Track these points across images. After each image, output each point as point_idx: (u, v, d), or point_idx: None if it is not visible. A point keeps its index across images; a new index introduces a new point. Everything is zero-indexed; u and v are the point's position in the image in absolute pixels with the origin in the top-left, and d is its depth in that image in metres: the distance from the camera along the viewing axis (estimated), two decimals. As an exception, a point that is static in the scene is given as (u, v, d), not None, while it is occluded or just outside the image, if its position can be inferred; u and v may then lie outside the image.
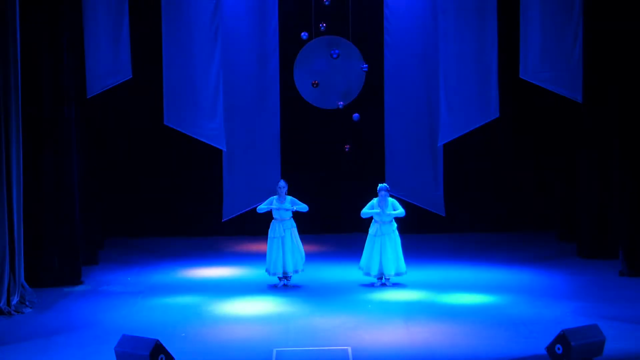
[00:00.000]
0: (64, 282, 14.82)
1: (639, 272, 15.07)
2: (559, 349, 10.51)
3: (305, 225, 15.51)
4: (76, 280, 14.99)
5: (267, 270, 14.78)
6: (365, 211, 14.58)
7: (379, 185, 14.74)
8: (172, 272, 15.91)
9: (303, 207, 14.69)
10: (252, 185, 18.20)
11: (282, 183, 14.75)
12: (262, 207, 14.79)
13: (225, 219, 18.50)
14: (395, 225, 14.62)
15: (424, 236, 18.07)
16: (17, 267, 13.57)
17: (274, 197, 14.76)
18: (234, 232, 18.59)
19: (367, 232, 14.77)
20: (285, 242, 14.61)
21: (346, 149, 17.76)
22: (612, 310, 12.89)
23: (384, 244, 14.48)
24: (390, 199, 14.67)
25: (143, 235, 18.71)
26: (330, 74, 18.43)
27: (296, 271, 14.75)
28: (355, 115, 17.48)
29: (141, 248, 17.87)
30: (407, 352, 11.17)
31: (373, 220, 14.67)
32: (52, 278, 14.78)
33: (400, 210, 14.52)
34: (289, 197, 14.69)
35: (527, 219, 19.08)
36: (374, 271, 14.56)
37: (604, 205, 16.33)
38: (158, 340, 10.41)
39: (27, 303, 13.54)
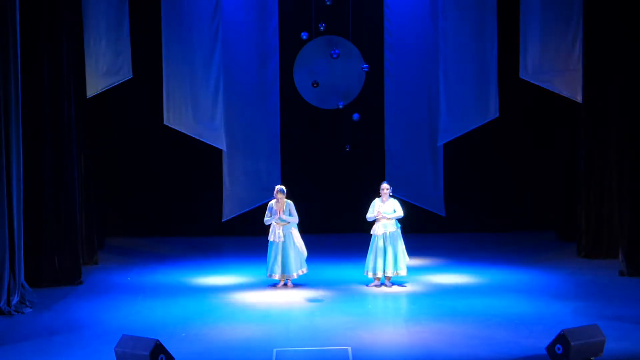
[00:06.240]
0: (64, 282, 14.82)
1: (639, 272, 15.07)
2: (559, 349, 10.50)
3: (306, 225, 15.49)
4: (76, 280, 14.99)
5: (267, 274, 14.71)
6: (368, 215, 14.58)
7: (382, 183, 14.77)
8: (172, 272, 15.91)
9: (294, 219, 14.53)
10: (252, 185, 18.20)
11: (279, 188, 14.59)
12: (266, 220, 14.64)
13: (225, 219, 18.50)
14: (399, 226, 14.60)
15: (424, 236, 18.05)
16: (17, 267, 13.55)
17: (273, 201, 14.59)
18: (234, 232, 18.59)
19: (367, 231, 14.76)
20: (286, 245, 14.55)
21: (346, 149, 17.75)
22: (612, 310, 12.88)
23: (385, 243, 14.46)
24: (392, 200, 14.65)
25: (143, 235, 18.72)
26: (330, 74, 18.43)
27: (297, 273, 14.70)
28: (355, 115, 17.48)
29: (141, 248, 17.87)
30: (407, 352, 11.16)
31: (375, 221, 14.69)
32: (52, 278, 14.78)
33: (398, 212, 14.51)
34: (287, 202, 14.55)
35: (527, 219, 19.09)
36: (376, 270, 14.52)
37: (603, 205, 16.34)
38: (158, 340, 10.40)
39: (27, 303, 13.52)
